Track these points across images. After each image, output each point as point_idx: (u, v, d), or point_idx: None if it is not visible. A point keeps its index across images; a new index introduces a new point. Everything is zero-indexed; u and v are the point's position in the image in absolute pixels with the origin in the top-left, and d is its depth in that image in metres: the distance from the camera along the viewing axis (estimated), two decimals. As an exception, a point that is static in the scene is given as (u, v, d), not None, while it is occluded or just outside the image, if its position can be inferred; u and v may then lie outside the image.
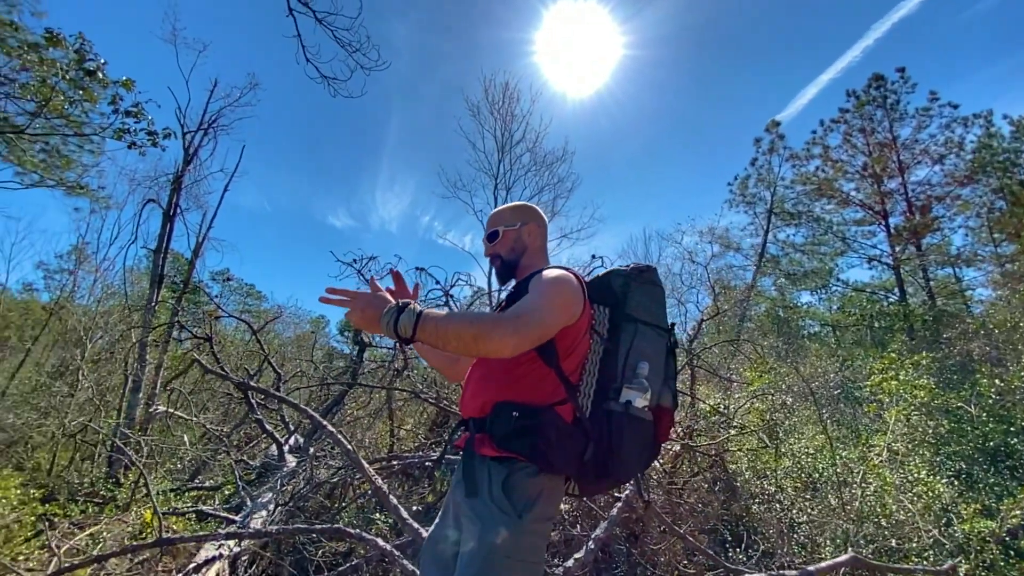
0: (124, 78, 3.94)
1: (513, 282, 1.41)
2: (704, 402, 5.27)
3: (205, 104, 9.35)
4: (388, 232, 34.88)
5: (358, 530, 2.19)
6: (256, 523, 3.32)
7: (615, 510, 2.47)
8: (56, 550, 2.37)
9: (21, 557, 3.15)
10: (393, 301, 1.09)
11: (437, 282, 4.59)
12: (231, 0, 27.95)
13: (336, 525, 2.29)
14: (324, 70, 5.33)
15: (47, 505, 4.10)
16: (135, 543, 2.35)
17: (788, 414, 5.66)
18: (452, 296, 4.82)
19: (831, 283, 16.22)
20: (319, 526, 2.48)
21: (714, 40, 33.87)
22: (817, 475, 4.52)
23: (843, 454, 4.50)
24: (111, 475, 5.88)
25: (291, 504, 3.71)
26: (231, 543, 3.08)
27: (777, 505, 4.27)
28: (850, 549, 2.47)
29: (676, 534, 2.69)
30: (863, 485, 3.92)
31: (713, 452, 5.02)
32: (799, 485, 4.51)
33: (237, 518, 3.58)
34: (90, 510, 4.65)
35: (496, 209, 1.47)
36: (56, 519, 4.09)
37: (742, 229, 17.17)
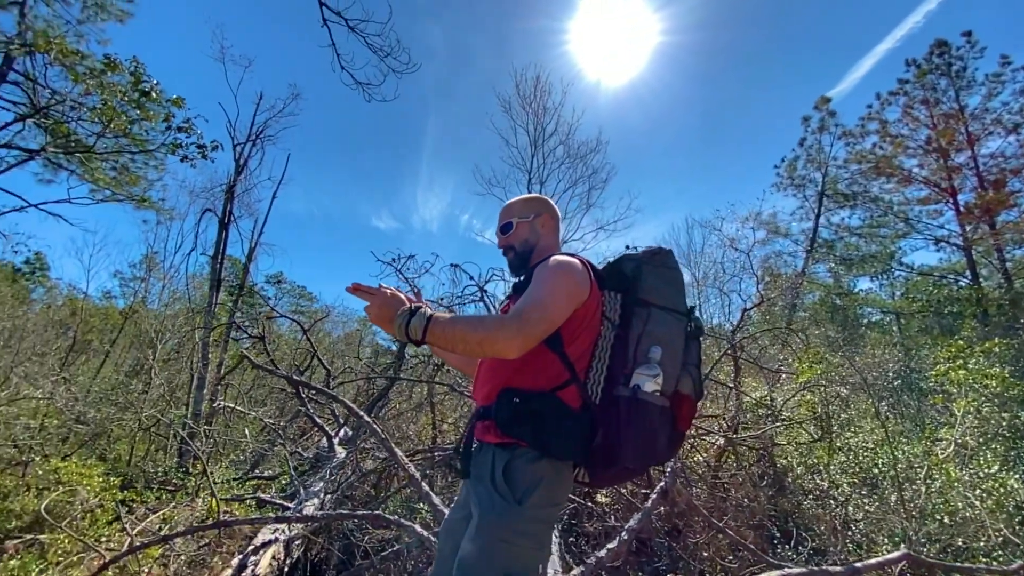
0: (174, 96, 4.27)
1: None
2: (748, 395, 5.09)
3: (252, 117, 9.90)
4: (429, 232, 35.55)
5: (397, 517, 2.28)
6: (308, 510, 3.52)
7: (650, 501, 2.45)
8: (129, 531, 2.61)
9: (103, 538, 3.49)
10: (408, 304, 1.11)
11: (471, 278, 4.67)
12: (270, 14, 29.22)
13: (376, 512, 2.40)
14: (358, 76, 5.54)
15: (125, 492, 4.50)
16: (196, 525, 2.55)
17: (844, 407, 5.37)
18: (487, 291, 4.90)
19: (893, 267, 15.13)
20: (360, 512, 2.61)
21: (757, 19, 32.19)
22: (876, 471, 4.28)
23: (905, 448, 4.23)
24: (181, 465, 6.37)
25: (339, 493, 3.90)
26: (285, 527, 3.29)
27: (831, 502, 4.09)
28: (902, 546, 2.33)
29: (716, 528, 2.63)
30: (927, 481, 3.68)
31: (759, 446, 4.85)
32: (856, 481, 4.28)
33: (291, 505, 3.80)
34: (163, 497, 5.05)
35: (508, 201, 1.47)
36: (134, 504, 4.47)
37: (791, 214, 16.30)
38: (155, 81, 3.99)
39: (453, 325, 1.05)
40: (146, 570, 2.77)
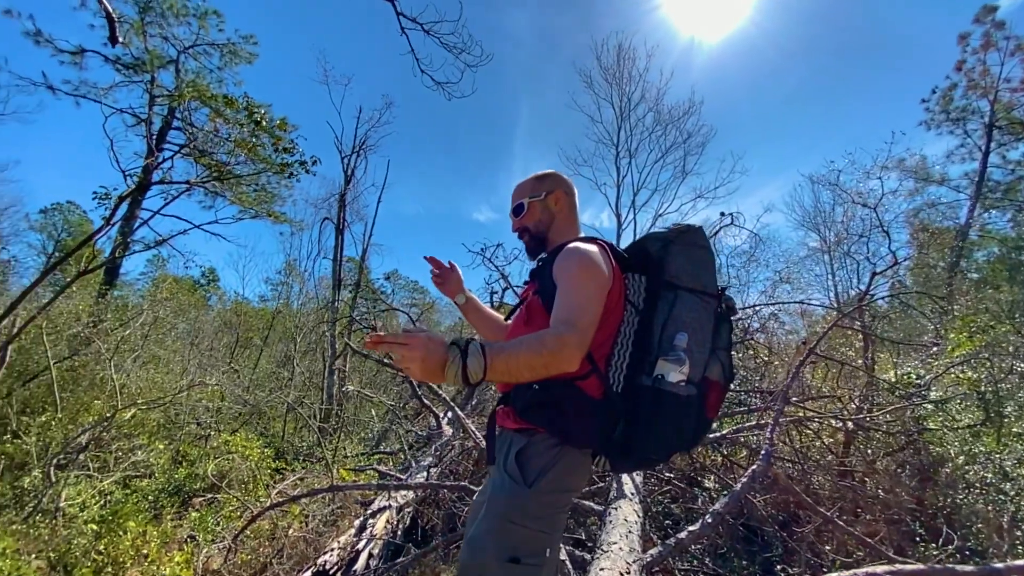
0: (278, 120, 4.91)
1: (544, 254, 1.33)
2: (878, 376, 4.42)
3: (354, 130, 10.94)
4: (527, 221, 35.93)
5: (480, 489, 2.43)
6: (415, 482, 3.89)
7: (739, 485, 2.29)
8: (270, 492, 3.13)
9: (262, 497, 4.21)
10: (444, 340, 0.94)
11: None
12: (360, 31, 31.57)
13: (462, 483, 2.58)
14: (438, 76, 5.81)
15: (277, 461, 5.36)
16: (314, 488, 2.97)
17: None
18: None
19: (1106, 208, 11.87)
20: (448, 483, 2.81)
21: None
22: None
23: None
24: (320, 440, 7.39)
25: (443, 467, 4.24)
26: (398, 496, 3.68)
27: (1001, 496, 3.44)
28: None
29: (825, 519, 2.38)
30: None
31: (899, 431, 4.21)
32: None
33: (403, 477, 4.22)
34: (307, 467, 5.91)
35: (519, 181, 1.41)
36: (284, 472, 5.31)
37: (947, 155, 13.51)
38: (263, 111, 4.65)
39: (515, 355, 0.96)
40: (287, 524, 3.30)
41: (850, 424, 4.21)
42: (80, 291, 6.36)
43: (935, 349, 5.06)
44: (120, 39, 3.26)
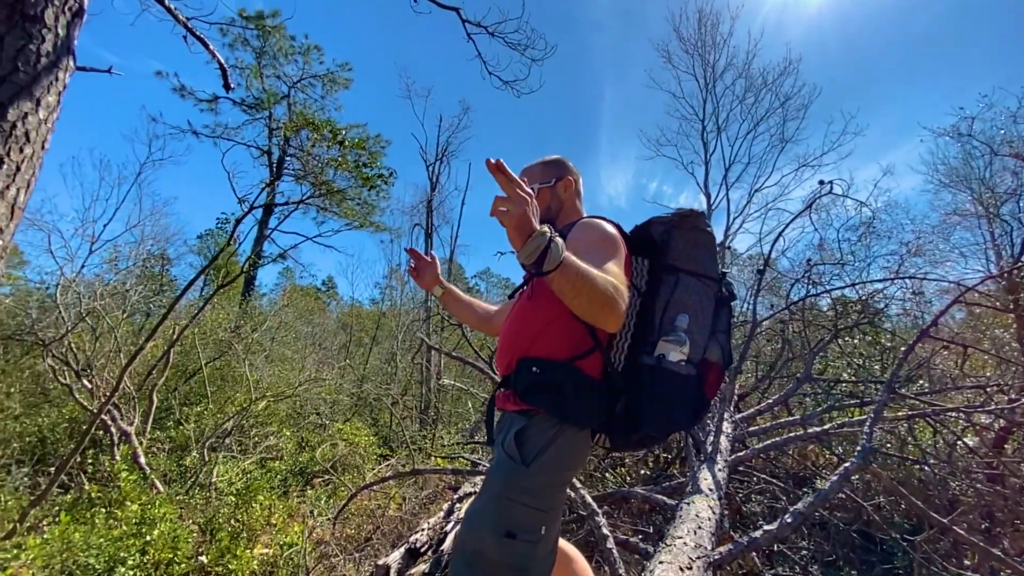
0: (356, 139, 5.40)
1: None
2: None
3: (436, 138, 11.54)
4: (618, 208, 35.18)
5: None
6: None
7: (828, 484, 2.08)
8: (365, 473, 3.48)
9: (367, 479, 4.68)
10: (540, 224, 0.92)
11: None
12: (433, 42, 32.82)
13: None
14: (508, 74, 5.95)
15: (383, 448, 5.90)
16: (399, 472, 3.25)
17: None
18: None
19: None
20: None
21: None
22: None
23: None
24: (421, 430, 7.96)
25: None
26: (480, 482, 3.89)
27: None
28: None
29: (941, 526, 2.07)
30: None
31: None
32: None
33: (485, 464, 4.43)
34: (411, 454, 6.43)
35: (525, 166, 1.41)
36: (389, 457, 5.82)
37: None
38: (344, 131, 5.15)
39: (588, 274, 0.93)
40: (385, 504, 3.66)
41: (1000, 420, 3.54)
42: (225, 302, 7.55)
43: None
44: (232, 84, 3.83)
